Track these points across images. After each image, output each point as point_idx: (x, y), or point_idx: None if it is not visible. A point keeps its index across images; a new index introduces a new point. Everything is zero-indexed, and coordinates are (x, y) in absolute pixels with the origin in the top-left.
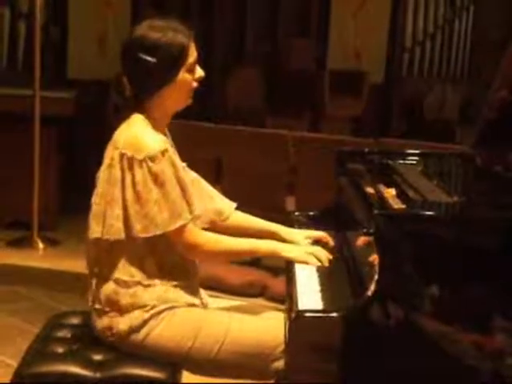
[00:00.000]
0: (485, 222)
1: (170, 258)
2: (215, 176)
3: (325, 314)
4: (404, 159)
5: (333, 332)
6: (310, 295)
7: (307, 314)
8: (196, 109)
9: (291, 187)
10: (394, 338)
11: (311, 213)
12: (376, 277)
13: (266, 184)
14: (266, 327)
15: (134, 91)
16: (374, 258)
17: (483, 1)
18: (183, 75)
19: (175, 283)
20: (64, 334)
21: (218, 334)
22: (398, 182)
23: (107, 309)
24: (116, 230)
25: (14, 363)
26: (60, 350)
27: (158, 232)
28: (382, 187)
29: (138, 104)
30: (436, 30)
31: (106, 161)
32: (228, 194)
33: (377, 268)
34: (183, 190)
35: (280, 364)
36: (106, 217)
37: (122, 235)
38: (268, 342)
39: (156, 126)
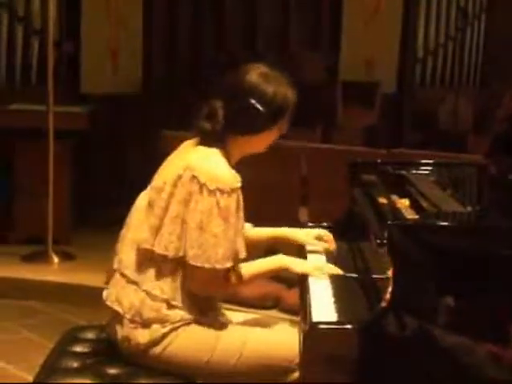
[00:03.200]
0: (499, 232)
1: None
2: None
3: (339, 326)
4: (417, 169)
5: (347, 344)
6: (324, 307)
7: (321, 326)
8: None
9: (304, 198)
10: (410, 349)
11: (324, 223)
12: (390, 288)
13: (278, 195)
14: (283, 340)
15: (225, 125)
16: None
17: (495, 9)
18: (276, 128)
19: (198, 317)
20: (79, 348)
21: (235, 347)
22: (412, 193)
23: (128, 316)
24: (165, 246)
25: (30, 377)
26: (75, 364)
27: (207, 266)
28: (395, 198)
29: (221, 137)
30: (448, 39)
31: (171, 176)
32: None
33: (391, 279)
34: (240, 232)
35: (297, 376)
36: (161, 230)
37: (171, 253)
38: (285, 355)
39: (229, 162)
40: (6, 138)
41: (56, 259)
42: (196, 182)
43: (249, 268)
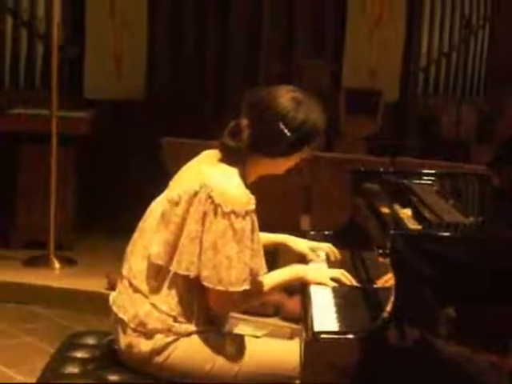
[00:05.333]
0: (501, 243)
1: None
2: None
3: (341, 336)
4: (420, 179)
5: (349, 353)
6: (325, 316)
7: (323, 336)
8: (211, 128)
9: (306, 206)
10: (411, 359)
11: (326, 232)
12: (392, 298)
13: (280, 203)
14: (284, 349)
15: (249, 145)
16: (385, 280)
17: (499, 19)
18: (299, 154)
19: (202, 329)
20: (80, 353)
21: (236, 356)
22: (414, 203)
23: (132, 325)
24: (187, 267)
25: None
26: (75, 370)
27: (219, 288)
28: (397, 207)
29: (243, 155)
30: (451, 48)
31: (187, 191)
32: None
33: (393, 289)
34: (257, 253)
35: None
36: (179, 250)
37: (193, 273)
38: (286, 364)
39: (246, 182)
40: (10, 142)
41: (57, 264)
42: (211, 202)
43: (266, 282)
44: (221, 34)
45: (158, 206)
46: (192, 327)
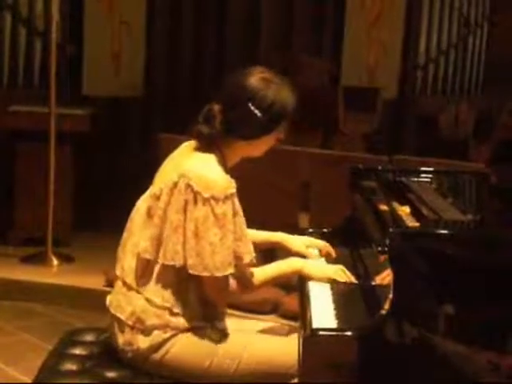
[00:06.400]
0: (499, 241)
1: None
2: None
3: (339, 333)
4: (418, 177)
5: (347, 351)
6: (324, 313)
7: (321, 333)
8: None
9: (304, 204)
10: (409, 357)
11: (325, 230)
12: (390, 295)
13: (278, 200)
14: (282, 346)
15: (223, 129)
16: (383, 277)
17: (497, 18)
18: (274, 134)
19: (199, 324)
20: (78, 351)
21: (235, 352)
22: (413, 200)
23: (130, 323)
24: (172, 257)
25: (28, 379)
26: (73, 367)
27: (205, 274)
28: (396, 205)
29: (218, 141)
30: (450, 46)
31: (167, 183)
32: None
33: (391, 286)
34: (240, 237)
35: (296, 382)
36: (164, 241)
37: (178, 263)
38: (284, 361)
39: (225, 167)
40: (8, 139)
41: (55, 261)
42: (190, 190)
43: (261, 273)
44: (219, 32)
45: (143, 203)
46: (189, 322)
